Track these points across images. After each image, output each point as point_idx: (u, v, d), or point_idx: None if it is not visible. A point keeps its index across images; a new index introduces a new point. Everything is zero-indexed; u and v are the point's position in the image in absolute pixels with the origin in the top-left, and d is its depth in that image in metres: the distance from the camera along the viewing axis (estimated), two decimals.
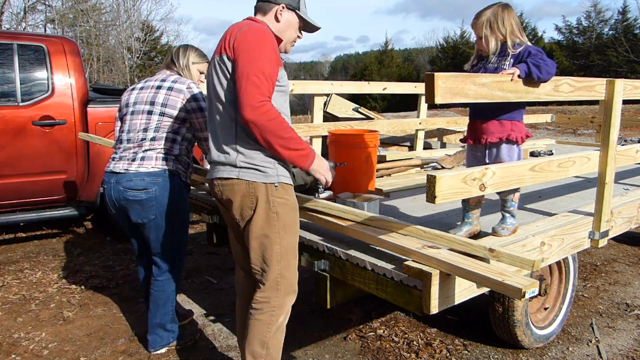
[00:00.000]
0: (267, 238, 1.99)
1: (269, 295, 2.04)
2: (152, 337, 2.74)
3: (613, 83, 2.39)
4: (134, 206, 2.51)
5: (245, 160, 1.92)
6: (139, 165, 2.50)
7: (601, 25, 29.43)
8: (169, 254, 2.66)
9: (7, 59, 4.13)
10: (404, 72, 34.28)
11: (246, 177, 1.93)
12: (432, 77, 1.62)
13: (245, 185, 1.93)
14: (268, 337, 2.05)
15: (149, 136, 2.53)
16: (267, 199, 1.95)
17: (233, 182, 1.94)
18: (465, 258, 1.85)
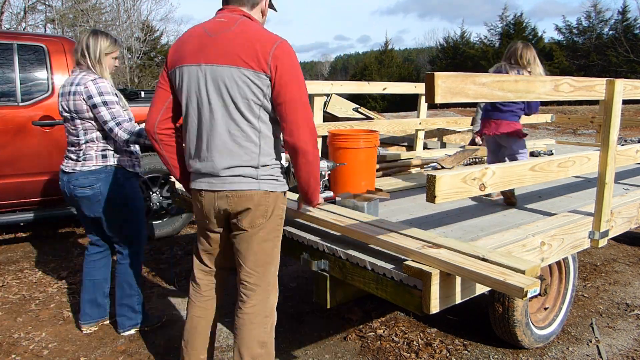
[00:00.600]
0: (270, 242, 2.05)
1: (263, 298, 2.07)
2: (121, 319, 2.94)
3: (613, 83, 2.39)
4: (84, 202, 2.76)
5: (266, 173, 1.96)
6: (82, 165, 2.72)
7: (601, 25, 29.43)
8: (127, 240, 2.87)
9: (7, 59, 4.13)
10: (404, 72, 34.27)
11: (266, 187, 1.96)
12: (432, 77, 1.61)
13: (264, 195, 1.96)
14: (266, 337, 2.08)
15: (82, 139, 2.71)
16: (279, 206, 2.03)
17: (252, 193, 1.94)
18: (465, 258, 1.85)
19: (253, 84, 1.85)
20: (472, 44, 33.95)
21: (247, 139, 1.91)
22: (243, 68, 1.84)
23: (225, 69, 1.85)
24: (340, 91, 5.05)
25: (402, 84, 5.59)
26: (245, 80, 1.85)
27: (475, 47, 33.30)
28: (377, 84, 5.03)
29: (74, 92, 2.64)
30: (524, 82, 1.98)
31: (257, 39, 1.85)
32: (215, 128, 1.91)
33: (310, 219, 2.44)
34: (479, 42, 33.35)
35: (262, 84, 1.86)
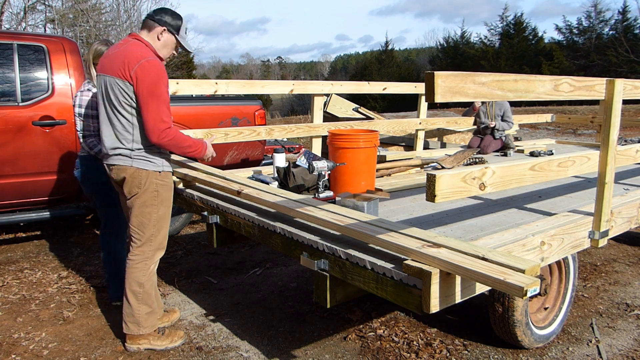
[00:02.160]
0: (147, 208, 2.66)
1: (143, 250, 2.72)
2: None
3: (613, 83, 2.39)
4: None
5: (138, 155, 2.60)
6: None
7: (601, 25, 29.44)
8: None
9: (7, 58, 4.12)
10: (404, 72, 34.28)
11: (138, 165, 2.60)
12: (432, 76, 1.61)
13: (135, 171, 2.60)
14: (144, 280, 2.73)
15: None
16: (152, 181, 2.64)
17: (126, 168, 2.60)
18: (466, 257, 1.85)
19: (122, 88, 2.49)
20: (472, 44, 33.97)
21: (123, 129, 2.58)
22: (117, 77, 2.50)
23: (109, 78, 2.54)
24: (340, 91, 5.05)
25: (402, 84, 5.60)
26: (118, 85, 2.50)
27: (475, 47, 33.31)
28: (377, 84, 5.04)
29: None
30: (524, 82, 1.98)
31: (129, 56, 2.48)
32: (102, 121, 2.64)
33: (310, 219, 2.44)
34: (479, 42, 33.37)
35: (128, 89, 2.49)
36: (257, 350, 2.82)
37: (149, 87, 2.46)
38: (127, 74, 2.46)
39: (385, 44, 37.10)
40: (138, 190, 2.63)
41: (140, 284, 2.71)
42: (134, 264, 2.71)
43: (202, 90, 4.14)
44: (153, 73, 2.47)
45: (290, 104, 40.28)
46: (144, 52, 2.53)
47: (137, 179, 2.61)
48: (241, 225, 2.86)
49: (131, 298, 2.71)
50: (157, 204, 2.68)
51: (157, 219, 2.70)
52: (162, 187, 2.69)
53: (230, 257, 4.44)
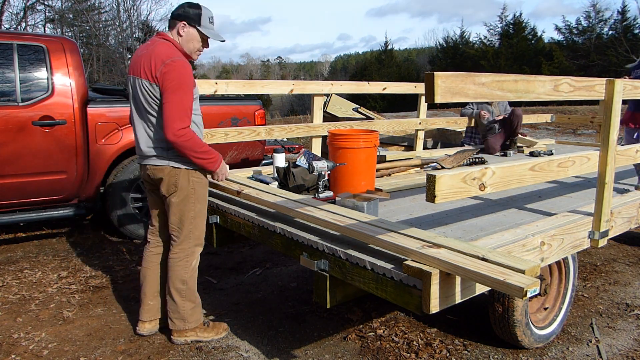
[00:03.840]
0: (185, 206, 2.68)
1: (183, 247, 2.74)
2: None
3: (613, 83, 2.39)
4: None
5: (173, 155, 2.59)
6: None
7: (601, 25, 29.43)
8: None
9: (7, 58, 4.12)
10: (404, 72, 34.26)
11: (173, 164, 2.61)
12: (432, 77, 1.62)
13: (170, 170, 2.62)
14: (187, 277, 2.76)
15: None
16: (188, 178, 2.65)
17: (163, 168, 2.62)
18: (465, 257, 1.85)
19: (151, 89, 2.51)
20: (471, 44, 33.96)
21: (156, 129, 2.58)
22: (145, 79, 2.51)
23: (139, 80, 2.54)
24: (340, 91, 5.05)
25: (402, 84, 5.60)
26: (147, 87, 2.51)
27: (475, 47, 33.30)
28: (377, 84, 5.03)
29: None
30: (524, 82, 1.98)
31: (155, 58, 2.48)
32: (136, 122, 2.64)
33: (310, 219, 2.44)
34: (478, 42, 33.37)
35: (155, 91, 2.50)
36: (257, 350, 2.83)
37: (171, 85, 2.45)
38: (153, 75, 2.47)
39: (385, 44, 37.09)
40: (175, 188, 2.64)
41: (183, 281, 2.74)
42: (176, 262, 2.74)
43: (202, 90, 4.13)
44: (177, 72, 2.46)
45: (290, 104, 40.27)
46: (170, 52, 2.52)
47: (174, 177, 2.62)
48: (241, 225, 2.86)
49: (175, 295, 2.74)
50: (194, 201, 2.70)
51: (194, 215, 2.72)
52: (197, 185, 2.69)
53: (230, 257, 4.44)
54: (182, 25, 2.58)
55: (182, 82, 2.47)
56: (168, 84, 2.45)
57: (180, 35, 2.60)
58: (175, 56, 2.50)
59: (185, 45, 2.62)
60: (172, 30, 2.62)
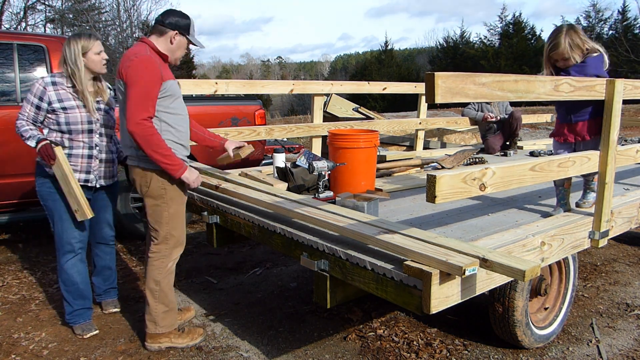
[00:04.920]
0: (158, 207, 2.68)
1: (160, 248, 2.72)
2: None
3: (613, 83, 2.39)
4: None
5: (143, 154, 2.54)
6: None
7: (601, 25, 29.44)
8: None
9: (7, 58, 4.12)
10: (404, 72, 34.26)
11: (143, 165, 2.61)
12: (432, 77, 1.61)
13: (141, 171, 2.62)
14: (160, 278, 2.73)
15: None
16: (157, 179, 2.63)
17: (134, 169, 2.65)
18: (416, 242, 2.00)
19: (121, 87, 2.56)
20: (472, 43, 33.97)
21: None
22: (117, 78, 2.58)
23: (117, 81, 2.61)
24: (340, 91, 5.05)
25: (402, 84, 5.60)
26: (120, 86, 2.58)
27: (475, 47, 33.31)
28: (377, 84, 5.04)
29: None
30: (524, 82, 1.98)
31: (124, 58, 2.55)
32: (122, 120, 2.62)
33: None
34: (478, 42, 33.38)
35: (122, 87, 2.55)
36: (257, 350, 2.83)
37: (132, 78, 2.48)
38: (120, 72, 2.53)
39: (385, 44, 37.09)
40: (146, 189, 2.65)
41: (157, 281, 2.72)
42: (152, 261, 2.73)
43: (202, 90, 4.14)
44: (140, 65, 2.49)
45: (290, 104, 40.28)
46: (137, 50, 2.56)
47: (143, 178, 2.63)
48: (241, 225, 2.86)
49: (149, 296, 2.73)
50: (167, 202, 2.68)
51: (168, 217, 2.70)
52: (168, 185, 2.66)
53: (230, 257, 4.44)
54: (175, 34, 2.64)
55: (143, 75, 2.48)
56: (130, 78, 2.48)
57: (171, 43, 2.65)
58: (140, 52, 2.52)
59: (174, 53, 2.68)
60: (159, 36, 2.64)
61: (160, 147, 2.51)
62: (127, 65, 2.49)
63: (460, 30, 38.21)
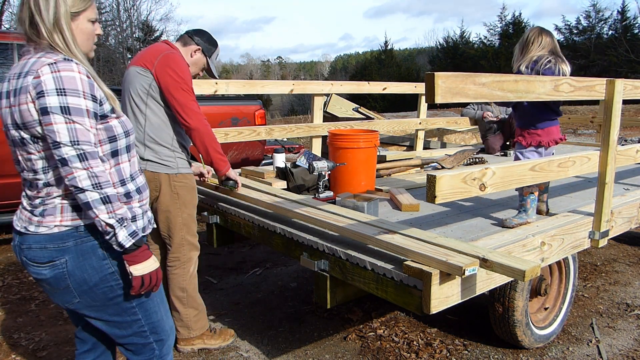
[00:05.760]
0: (170, 213, 2.56)
1: (177, 255, 2.65)
2: None
3: (613, 83, 2.39)
4: (44, 286, 1.64)
5: (151, 155, 2.46)
6: (38, 224, 1.55)
7: (601, 25, 29.44)
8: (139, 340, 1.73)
9: (7, 58, 4.12)
10: (404, 72, 34.25)
11: (150, 168, 2.46)
12: (432, 77, 1.61)
13: (150, 175, 2.44)
14: (185, 284, 2.68)
15: (42, 178, 1.53)
16: (169, 184, 2.51)
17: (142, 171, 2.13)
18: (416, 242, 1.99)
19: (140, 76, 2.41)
20: (471, 43, 33.97)
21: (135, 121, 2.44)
22: (137, 66, 2.43)
23: (131, 67, 2.47)
24: (340, 91, 5.05)
25: (402, 84, 5.60)
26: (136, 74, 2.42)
27: (474, 47, 33.32)
28: (377, 84, 5.03)
29: (19, 88, 1.45)
30: (524, 82, 1.98)
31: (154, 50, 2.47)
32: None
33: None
34: (478, 42, 33.39)
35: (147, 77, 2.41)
36: (257, 350, 2.83)
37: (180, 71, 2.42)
38: (148, 62, 2.42)
39: (385, 44, 37.08)
40: (156, 194, 2.50)
41: (182, 288, 2.67)
42: (173, 270, 2.66)
43: (202, 90, 4.14)
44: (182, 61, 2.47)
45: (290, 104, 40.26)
46: (169, 48, 2.52)
47: (152, 182, 2.44)
48: (241, 225, 2.86)
49: (177, 304, 2.67)
50: (180, 206, 2.57)
51: (182, 222, 2.61)
52: (181, 189, 2.55)
53: (230, 257, 4.44)
54: (196, 49, 2.62)
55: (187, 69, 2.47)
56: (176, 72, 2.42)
57: (190, 57, 2.62)
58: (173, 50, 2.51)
59: (190, 67, 2.63)
60: (183, 45, 2.62)
61: (217, 142, 2.54)
62: (162, 59, 2.41)
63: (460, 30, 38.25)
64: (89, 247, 1.57)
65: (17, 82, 1.47)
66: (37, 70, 1.43)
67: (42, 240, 1.55)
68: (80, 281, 1.58)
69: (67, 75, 1.43)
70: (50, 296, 1.68)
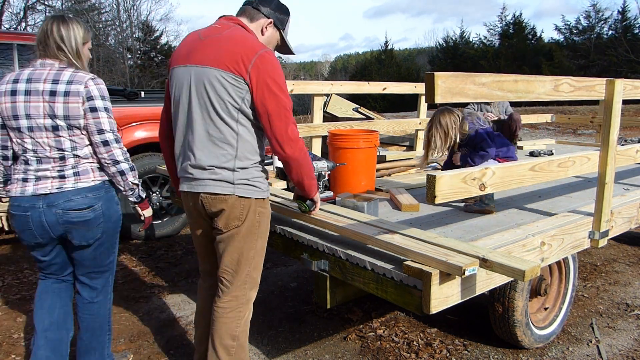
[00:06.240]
0: (246, 243, 2.10)
1: (237, 294, 2.17)
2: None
3: (613, 83, 2.39)
4: (79, 228, 2.18)
5: (242, 178, 2.01)
6: (77, 181, 2.14)
7: (601, 25, 29.44)
8: (106, 271, 2.39)
9: (7, 58, 4.12)
10: (404, 72, 34.26)
11: (241, 193, 2.01)
12: (432, 77, 1.62)
13: (238, 199, 2.02)
14: (238, 332, 2.18)
15: (69, 154, 2.13)
16: (255, 210, 2.07)
17: (227, 197, 2.00)
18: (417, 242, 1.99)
19: (231, 86, 1.90)
20: (471, 44, 33.99)
21: (224, 141, 1.96)
22: (223, 71, 1.90)
23: (207, 70, 1.92)
24: (340, 91, 5.05)
25: (402, 84, 5.59)
26: (224, 82, 1.90)
27: (474, 47, 33.33)
28: (377, 84, 5.03)
29: (69, 92, 2.06)
30: (524, 82, 1.98)
31: (242, 45, 1.92)
32: (195, 128, 1.97)
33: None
34: (478, 42, 33.40)
35: (241, 88, 1.91)
36: (257, 350, 2.83)
37: (277, 85, 1.93)
38: (241, 67, 1.88)
39: (385, 44, 37.08)
40: (238, 222, 2.04)
41: (234, 336, 2.17)
42: (227, 313, 2.16)
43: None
44: (278, 68, 1.96)
45: None
46: (256, 40, 2.01)
47: (237, 209, 2.02)
48: None
49: (222, 353, 2.16)
50: (257, 237, 2.13)
51: (254, 254, 2.15)
52: (263, 217, 2.13)
53: None
54: (268, 24, 2.11)
55: (284, 81, 1.99)
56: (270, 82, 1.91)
57: (262, 34, 2.11)
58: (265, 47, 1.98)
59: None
60: (250, 21, 2.09)
61: (311, 169, 2.14)
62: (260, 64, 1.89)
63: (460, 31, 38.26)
64: (112, 196, 2.26)
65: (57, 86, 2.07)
66: (84, 82, 2.10)
67: (83, 191, 2.15)
68: (107, 218, 2.24)
69: (103, 87, 2.16)
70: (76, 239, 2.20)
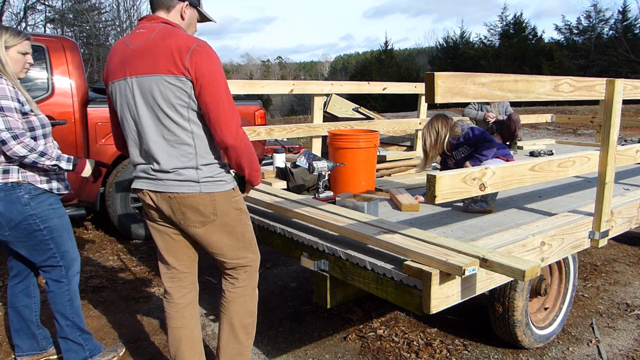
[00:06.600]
0: (238, 229, 2.12)
1: (245, 284, 2.23)
2: (66, 355, 2.60)
3: (613, 83, 2.39)
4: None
5: (206, 176, 2.00)
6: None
7: (601, 25, 29.43)
8: (49, 265, 2.50)
9: None
10: (404, 72, 34.25)
11: (208, 189, 2.00)
12: (432, 77, 1.62)
13: (203, 197, 2.00)
14: (253, 306, 2.31)
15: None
16: (227, 200, 2.06)
17: (195, 195, 1.99)
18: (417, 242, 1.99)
19: (175, 87, 1.89)
20: (471, 44, 33.98)
21: (181, 142, 1.96)
22: (164, 75, 1.88)
23: (148, 78, 1.91)
24: (340, 91, 5.05)
25: (402, 84, 5.59)
26: (168, 85, 1.89)
27: (475, 47, 33.33)
28: (377, 84, 5.03)
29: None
30: (524, 82, 1.98)
31: (174, 44, 1.89)
32: (150, 137, 1.96)
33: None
34: (478, 42, 33.39)
35: (185, 86, 1.89)
36: (257, 350, 2.82)
37: (214, 72, 1.90)
38: (179, 66, 1.86)
39: (385, 44, 37.07)
40: (214, 217, 2.04)
41: (251, 312, 2.27)
42: (238, 298, 2.23)
43: None
44: (214, 58, 1.92)
45: (290, 104, 40.25)
46: (186, 34, 1.97)
47: (209, 206, 2.01)
48: None
49: (241, 335, 2.22)
50: (245, 220, 2.16)
51: (249, 235, 2.19)
52: (241, 202, 2.14)
53: None
54: (185, 6, 2.05)
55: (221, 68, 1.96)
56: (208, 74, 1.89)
57: (182, 19, 2.06)
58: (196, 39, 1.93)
59: (187, 30, 2.08)
60: (167, 11, 2.03)
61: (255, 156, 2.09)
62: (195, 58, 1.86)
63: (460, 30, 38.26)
64: (15, 197, 2.31)
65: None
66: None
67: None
68: (7, 219, 2.32)
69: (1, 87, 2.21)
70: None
